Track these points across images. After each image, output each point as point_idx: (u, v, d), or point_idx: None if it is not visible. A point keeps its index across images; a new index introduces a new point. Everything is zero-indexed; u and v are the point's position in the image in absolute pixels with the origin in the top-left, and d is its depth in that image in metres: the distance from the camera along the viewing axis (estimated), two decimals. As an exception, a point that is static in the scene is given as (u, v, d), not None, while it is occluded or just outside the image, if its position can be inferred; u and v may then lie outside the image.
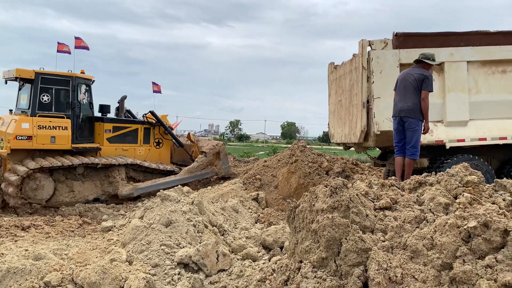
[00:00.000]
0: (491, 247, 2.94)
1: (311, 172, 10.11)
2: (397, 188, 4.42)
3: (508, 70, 7.81)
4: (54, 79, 10.55)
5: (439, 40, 7.69)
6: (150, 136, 12.32)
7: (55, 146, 10.26)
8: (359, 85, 7.88)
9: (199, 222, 6.40)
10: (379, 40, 7.63)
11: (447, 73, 7.63)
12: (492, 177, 7.67)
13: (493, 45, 7.73)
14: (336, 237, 3.32)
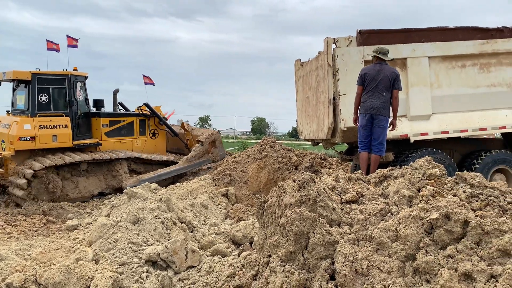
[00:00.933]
0: (452, 238, 3.04)
1: (281, 167, 10.16)
2: (363, 181, 4.51)
3: (467, 64, 8.07)
4: (50, 78, 10.67)
5: (402, 37, 7.85)
6: (146, 127, 12.64)
7: (57, 144, 10.49)
8: (325, 82, 7.96)
9: (168, 219, 6.34)
10: (343, 38, 7.72)
11: (410, 69, 7.81)
12: (454, 170, 7.92)
13: (452, 40, 7.98)
14: (303, 231, 3.35)
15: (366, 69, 6.57)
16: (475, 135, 9.60)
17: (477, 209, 3.42)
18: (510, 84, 8.16)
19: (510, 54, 8.11)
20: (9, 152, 9.86)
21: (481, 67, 8.08)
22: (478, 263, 2.80)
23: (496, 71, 8.13)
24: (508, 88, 8.16)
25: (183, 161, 11.97)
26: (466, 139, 9.09)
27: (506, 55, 8.11)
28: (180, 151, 13.45)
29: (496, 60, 8.11)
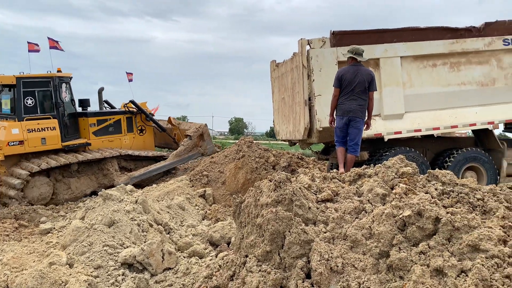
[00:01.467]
0: (424, 234, 3.11)
1: (258, 167, 10.18)
2: (338, 180, 4.56)
3: (438, 63, 8.25)
4: (35, 81, 10.63)
5: (374, 37, 7.97)
6: (133, 124, 12.76)
7: (47, 147, 10.48)
8: (300, 83, 8.02)
9: (144, 221, 6.27)
10: (317, 39, 7.79)
11: (383, 69, 7.94)
12: (427, 168, 8.09)
13: (423, 40, 8.14)
14: (280, 230, 3.37)
15: (342, 70, 6.47)
16: (447, 133, 9.83)
17: (448, 206, 3.51)
18: (479, 82, 8.37)
19: (478, 53, 8.32)
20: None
21: (451, 66, 8.27)
22: (449, 259, 2.87)
23: (466, 69, 8.33)
24: (477, 86, 8.37)
25: (172, 156, 12.09)
26: (439, 138, 9.29)
27: (475, 54, 8.32)
28: (168, 146, 13.79)
29: (466, 59, 8.31)
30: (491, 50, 8.34)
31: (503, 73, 8.45)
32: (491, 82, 8.42)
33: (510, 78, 8.47)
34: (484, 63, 8.38)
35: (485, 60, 8.38)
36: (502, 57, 8.43)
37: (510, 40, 8.34)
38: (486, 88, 8.40)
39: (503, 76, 8.45)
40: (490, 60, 8.39)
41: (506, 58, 8.43)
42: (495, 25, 8.42)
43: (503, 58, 8.43)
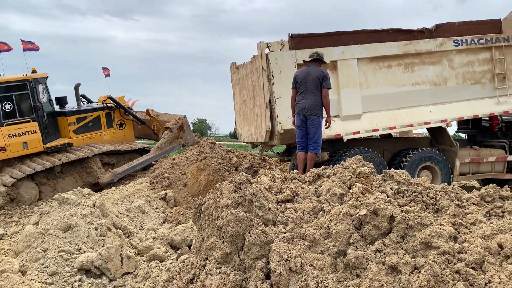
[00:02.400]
0: (379, 233, 3.19)
1: (221, 168, 10.12)
2: (298, 181, 4.61)
3: (393, 64, 8.49)
4: (11, 85, 10.52)
5: (331, 40, 8.12)
6: (112, 119, 12.82)
7: (29, 151, 10.48)
8: (261, 86, 8.06)
9: (102, 225, 6.10)
10: (276, 42, 7.86)
11: (340, 70, 8.09)
12: (384, 167, 8.32)
13: (378, 42, 8.36)
14: (239, 232, 3.36)
15: (297, 72, 6.81)
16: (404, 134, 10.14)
17: (403, 204, 3.62)
18: (432, 82, 8.69)
19: (431, 53, 8.63)
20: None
21: (405, 67, 8.53)
22: (403, 256, 2.96)
23: (419, 70, 8.62)
24: (430, 86, 8.67)
25: (154, 149, 12.22)
26: (396, 138, 9.58)
27: (428, 55, 8.62)
28: (148, 137, 14.18)
29: (419, 60, 8.60)
30: (442, 51, 8.67)
31: (454, 72, 8.80)
32: (443, 81, 8.75)
33: (461, 78, 8.84)
34: (436, 63, 8.69)
35: (437, 60, 8.69)
36: (453, 58, 8.78)
37: (460, 41, 8.71)
38: (439, 88, 8.72)
39: (455, 75, 8.80)
40: (442, 61, 8.72)
41: (456, 58, 8.79)
42: (445, 26, 8.77)
43: (454, 58, 8.78)
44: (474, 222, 3.32)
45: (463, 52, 8.82)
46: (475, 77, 8.92)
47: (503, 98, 9.00)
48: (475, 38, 8.79)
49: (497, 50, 8.92)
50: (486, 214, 3.50)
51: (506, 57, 8.94)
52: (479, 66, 8.93)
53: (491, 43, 8.87)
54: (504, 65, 8.94)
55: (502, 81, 8.97)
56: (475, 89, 8.93)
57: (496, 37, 8.88)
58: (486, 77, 8.97)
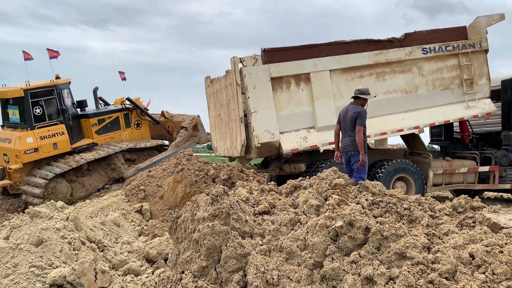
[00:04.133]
0: (355, 244, 3.22)
1: (198, 180, 10.06)
2: (276, 192, 4.62)
3: (365, 74, 8.63)
4: (40, 91, 11.54)
5: (304, 52, 8.18)
6: (130, 120, 13.91)
7: (58, 151, 11.58)
8: (235, 101, 8.05)
9: (75, 239, 5.96)
10: (249, 57, 7.86)
11: (314, 83, 8.16)
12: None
13: (349, 53, 8.49)
14: (216, 245, 3.34)
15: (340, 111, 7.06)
16: (379, 144, 10.30)
17: (378, 215, 3.67)
18: (403, 90, 8.87)
19: (401, 62, 8.81)
20: (16, 165, 10.91)
21: (377, 76, 8.68)
22: (378, 267, 2.99)
23: (391, 79, 8.78)
24: (402, 93, 8.84)
25: (172, 146, 13.39)
26: (371, 150, 9.71)
27: (398, 64, 8.80)
28: (162, 137, 15.01)
29: (390, 69, 8.77)
30: (412, 59, 8.86)
31: (424, 80, 9.00)
32: (414, 89, 8.93)
33: (431, 84, 9.05)
34: (406, 71, 8.87)
35: (407, 68, 8.88)
36: (422, 65, 8.99)
37: (428, 48, 8.94)
38: (410, 95, 8.89)
39: (425, 82, 9.00)
40: (411, 69, 8.91)
41: (426, 65, 9.01)
42: (414, 35, 8.97)
43: (423, 66, 8.99)
44: (447, 233, 3.39)
45: (432, 60, 9.04)
46: (444, 83, 9.16)
47: (471, 102, 9.26)
48: (443, 45, 9.04)
49: (464, 56, 9.19)
50: (458, 224, 3.58)
51: (472, 63, 9.22)
52: (447, 72, 9.17)
53: (458, 49, 9.14)
54: (471, 70, 9.20)
55: (470, 86, 9.23)
56: (445, 95, 9.16)
57: (462, 43, 9.15)
58: (455, 83, 9.21)
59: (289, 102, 8.02)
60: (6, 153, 11.14)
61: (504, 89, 9.78)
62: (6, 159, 11.20)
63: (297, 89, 8.09)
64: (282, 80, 7.98)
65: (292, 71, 8.00)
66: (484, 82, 9.36)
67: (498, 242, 3.07)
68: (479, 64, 9.31)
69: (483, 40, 9.28)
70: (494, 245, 3.04)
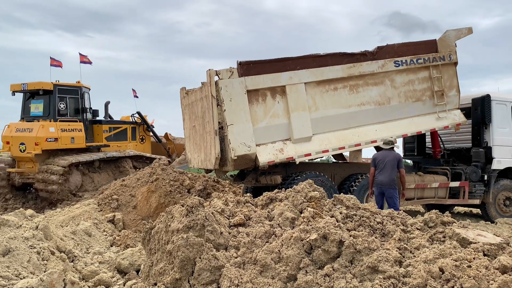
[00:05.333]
0: (329, 257, 3.25)
1: (173, 190, 9.94)
2: (252, 204, 4.63)
3: (339, 87, 8.76)
4: (67, 89, 12.71)
5: (279, 65, 8.26)
6: (136, 134, 14.82)
7: (74, 145, 12.46)
8: (210, 113, 8.02)
9: (44, 248, 5.79)
10: (225, 70, 7.87)
11: (289, 95, 8.22)
12: (335, 191, 8.50)
13: (324, 66, 8.61)
14: (190, 257, 3.31)
15: (375, 154, 8.02)
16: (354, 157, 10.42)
17: (352, 229, 3.71)
18: (376, 102, 9.03)
19: (374, 75, 8.98)
20: (35, 151, 11.59)
21: (350, 89, 8.82)
22: (351, 280, 3.02)
23: (364, 91, 8.93)
24: (375, 105, 9.01)
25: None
26: (346, 163, 9.84)
27: (371, 76, 8.97)
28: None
29: (363, 81, 8.93)
30: (384, 72, 9.05)
31: (397, 92, 9.21)
32: (387, 101, 9.13)
33: (403, 96, 9.26)
34: (379, 84, 9.06)
35: (380, 81, 9.06)
36: (395, 77, 9.20)
37: (400, 61, 9.17)
38: (383, 107, 9.08)
39: (397, 94, 9.21)
40: (384, 81, 9.10)
41: (398, 78, 9.22)
42: (386, 48, 9.18)
43: (395, 78, 9.20)
44: (418, 247, 3.46)
45: (404, 72, 9.26)
46: (416, 95, 9.38)
47: (442, 113, 9.53)
48: (414, 58, 9.28)
49: (435, 68, 9.46)
50: (429, 239, 3.66)
51: (443, 75, 9.49)
52: (419, 84, 9.41)
53: (428, 62, 9.40)
54: (441, 82, 9.48)
55: (441, 97, 9.49)
56: (417, 106, 9.38)
57: (433, 56, 9.43)
58: (426, 95, 9.45)
59: (265, 114, 8.06)
60: (23, 142, 11.88)
61: (474, 107, 10.09)
62: (23, 148, 11.90)
63: (273, 101, 8.14)
64: (258, 93, 8.02)
65: (268, 84, 8.05)
66: (454, 94, 9.65)
67: (466, 256, 3.15)
68: (449, 76, 9.60)
69: (452, 53, 9.58)
70: (462, 259, 3.11)
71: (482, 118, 9.92)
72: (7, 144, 12.39)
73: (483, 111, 9.91)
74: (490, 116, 9.88)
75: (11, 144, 12.18)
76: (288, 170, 8.81)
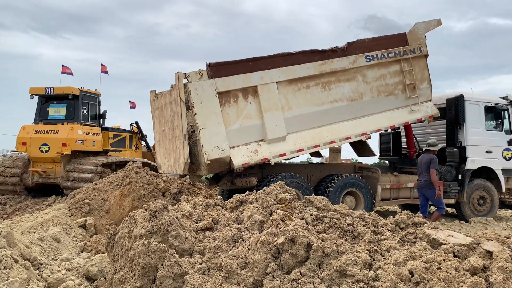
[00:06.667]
0: (297, 261, 3.13)
1: (147, 194, 9.69)
2: (221, 207, 4.49)
3: (311, 85, 8.64)
4: (89, 95, 13.42)
5: (250, 66, 8.10)
6: (132, 142, 15.31)
7: (95, 148, 13.01)
8: (179, 117, 7.80)
9: (7, 256, 5.51)
10: (194, 72, 7.67)
11: (261, 95, 8.08)
12: (311, 193, 8.41)
13: (295, 64, 8.48)
14: (152, 264, 3.16)
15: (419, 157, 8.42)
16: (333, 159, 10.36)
17: (322, 231, 3.61)
18: (349, 98, 8.96)
19: (345, 71, 8.90)
20: (65, 152, 12.10)
21: (323, 86, 8.71)
22: (319, 285, 2.92)
23: (336, 88, 8.84)
24: (348, 102, 8.93)
25: None
26: (322, 164, 9.78)
27: (342, 72, 8.88)
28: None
29: (335, 78, 8.83)
30: (356, 67, 8.97)
31: (369, 87, 9.15)
32: (359, 96, 9.05)
33: (375, 91, 9.22)
34: (351, 79, 8.97)
35: (351, 77, 8.98)
36: (366, 73, 9.13)
37: (371, 56, 9.12)
38: (356, 103, 9.00)
39: (369, 89, 9.15)
40: (356, 77, 9.02)
41: (369, 73, 9.16)
42: (356, 44, 9.09)
43: (367, 73, 9.13)
44: (388, 249, 3.38)
45: (375, 67, 9.21)
46: (388, 89, 9.35)
47: (415, 106, 9.53)
48: (385, 52, 9.24)
49: (406, 62, 9.44)
50: (400, 240, 3.58)
51: (414, 68, 9.49)
52: (391, 78, 9.39)
53: (399, 56, 9.38)
54: (413, 75, 9.47)
55: (413, 90, 9.49)
56: (390, 100, 9.36)
57: (403, 50, 9.41)
58: (398, 88, 9.44)
59: (238, 116, 7.89)
60: (47, 143, 12.19)
61: (449, 107, 10.16)
62: (45, 149, 12.21)
63: (245, 102, 7.98)
64: (229, 94, 7.85)
65: (239, 85, 7.88)
66: (426, 86, 9.67)
67: (436, 258, 3.08)
68: (420, 69, 9.60)
69: (422, 46, 9.59)
70: (432, 261, 3.04)
71: (456, 118, 10.00)
72: (23, 145, 12.47)
73: (457, 111, 9.99)
74: (463, 116, 9.97)
75: (29, 145, 12.32)
76: (264, 171, 8.69)
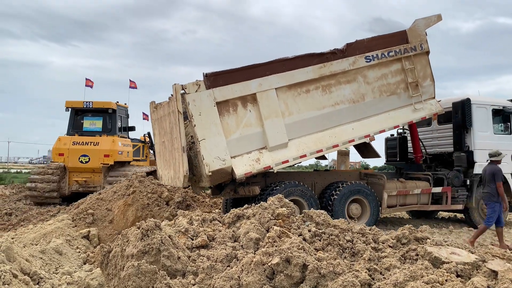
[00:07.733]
0: (292, 283, 3.02)
1: (150, 203, 9.62)
2: (219, 222, 4.39)
3: (311, 89, 8.46)
4: (122, 109, 14.20)
5: (247, 73, 7.95)
6: (144, 152, 15.83)
7: (127, 159, 13.68)
8: (177, 129, 7.66)
9: (6, 271, 5.45)
10: (191, 83, 7.52)
11: (260, 103, 7.92)
12: (315, 201, 8.26)
13: (294, 69, 8.29)
14: (142, 286, 3.06)
15: None
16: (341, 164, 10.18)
17: (320, 248, 3.49)
18: (350, 100, 8.76)
19: (345, 73, 8.69)
20: (109, 162, 12.81)
21: (323, 89, 8.53)
22: (314, 308, 2.80)
23: (337, 90, 8.64)
24: (349, 104, 8.73)
25: None
26: (326, 172, 9.62)
27: (342, 74, 8.67)
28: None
29: (335, 80, 8.64)
30: (356, 68, 8.75)
31: (370, 87, 8.93)
32: (361, 98, 8.84)
33: (377, 91, 9.00)
34: (352, 81, 8.76)
35: (352, 78, 8.77)
36: (367, 73, 8.91)
37: (371, 56, 8.91)
38: (358, 104, 8.79)
39: (371, 90, 8.93)
40: (357, 78, 8.81)
41: (370, 73, 8.93)
42: (355, 44, 8.87)
43: (367, 74, 8.91)
44: (389, 268, 3.25)
45: (376, 67, 8.99)
46: (390, 88, 9.13)
47: (418, 105, 9.29)
48: (385, 51, 9.02)
49: (407, 60, 9.21)
50: (401, 257, 3.45)
51: (415, 66, 9.24)
52: (392, 77, 9.16)
53: (400, 54, 9.14)
54: (415, 73, 9.22)
55: (415, 89, 9.25)
56: (392, 100, 9.14)
57: (404, 48, 9.18)
58: (400, 87, 9.21)
59: (238, 125, 7.75)
60: (87, 154, 12.87)
61: (455, 111, 9.96)
62: (85, 159, 12.88)
63: (245, 110, 7.84)
64: (228, 104, 7.71)
65: (237, 93, 7.73)
66: (429, 83, 9.43)
67: (438, 279, 2.94)
68: (422, 66, 9.36)
69: (423, 42, 9.35)
70: (434, 282, 2.91)
71: (463, 122, 9.79)
72: (60, 156, 13.04)
73: (464, 115, 9.78)
74: (470, 120, 9.76)
75: (67, 156, 12.93)
76: (267, 180, 8.55)
